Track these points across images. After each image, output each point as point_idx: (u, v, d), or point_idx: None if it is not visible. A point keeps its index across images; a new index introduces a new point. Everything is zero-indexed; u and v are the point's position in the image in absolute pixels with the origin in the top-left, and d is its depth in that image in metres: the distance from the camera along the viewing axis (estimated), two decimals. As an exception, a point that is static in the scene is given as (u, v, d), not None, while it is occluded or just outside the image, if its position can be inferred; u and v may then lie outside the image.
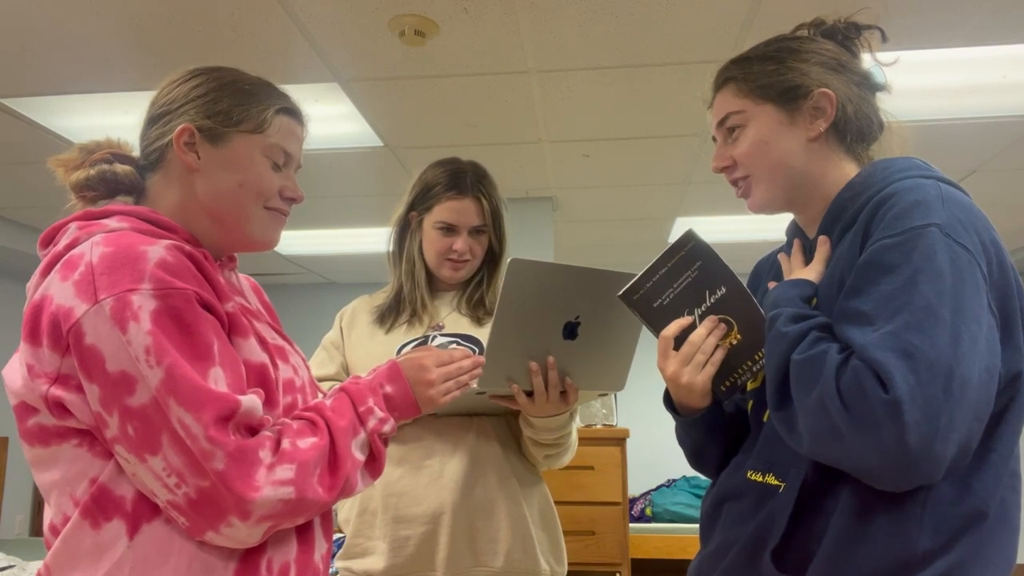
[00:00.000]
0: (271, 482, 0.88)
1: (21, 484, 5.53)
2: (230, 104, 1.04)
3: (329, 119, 3.32)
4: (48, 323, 0.88)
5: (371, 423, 1.02)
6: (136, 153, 1.08)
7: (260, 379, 0.98)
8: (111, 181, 1.04)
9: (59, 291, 0.88)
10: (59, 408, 0.89)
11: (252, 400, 0.92)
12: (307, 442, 0.94)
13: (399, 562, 1.49)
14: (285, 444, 0.92)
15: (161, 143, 1.04)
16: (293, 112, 1.09)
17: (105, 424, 0.87)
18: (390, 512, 1.50)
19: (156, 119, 1.05)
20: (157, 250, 0.90)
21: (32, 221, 4.75)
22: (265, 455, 0.89)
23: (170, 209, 1.03)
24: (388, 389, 1.07)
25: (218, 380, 0.90)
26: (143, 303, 0.87)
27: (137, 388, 0.86)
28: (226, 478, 0.86)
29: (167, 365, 0.86)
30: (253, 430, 0.92)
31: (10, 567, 3.03)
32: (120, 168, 1.04)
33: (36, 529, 5.62)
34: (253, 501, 0.87)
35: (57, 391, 0.88)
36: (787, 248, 1.20)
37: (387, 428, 1.04)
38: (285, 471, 0.90)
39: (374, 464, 1.03)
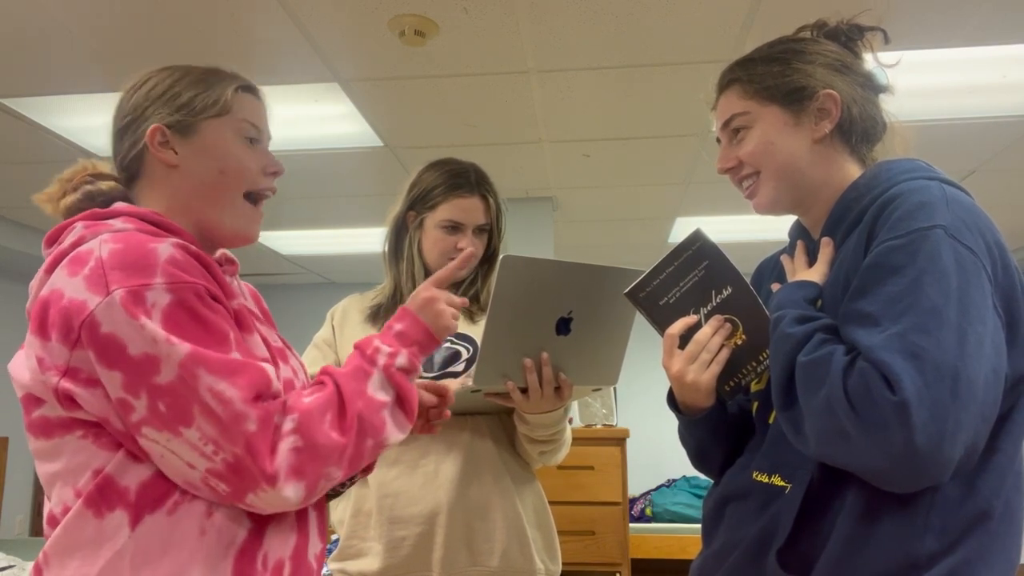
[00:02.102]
0: (280, 437, 0.90)
1: (21, 484, 5.53)
2: (191, 94, 1.05)
3: (329, 119, 3.32)
4: (58, 317, 0.89)
5: (381, 360, 1.01)
6: (110, 169, 1.09)
7: None
8: (98, 197, 1.05)
9: (69, 285, 0.90)
10: (68, 401, 0.90)
11: (272, 370, 0.95)
12: (311, 397, 0.95)
13: (395, 563, 1.48)
14: (290, 402, 0.94)
15: (137, 149, 1.05)
16: (251, 88, 1.11)
17: (130, 409, 0.88)
18: (385, 513, 1.50)
19: (125, 129, 1.07)
20: (166, 247, 0.92)
21: (32, 221, 4.75)
22: (278, 418, 0.92)
23: (161, 210, 1.05)
24: (398, 327, 1.07)
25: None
26: (157, 299, 0.88)
27: (162, 366, 0.87)
28: (252, 442, 0.88)
29: (189, 346, 0.88)
30: (273, 398, 0.94)
31: (10, 567, 3.03)
32: (104, 184, 1.06)
33: (36, 529, 5.61)
34: (273, 462, 0.89)
35: (67, 384, 0.89)
36: (790, 250, 1.20)
37: (401, 360, 1.02)
38: (288, 423, 0.91)
39: (403, 403, 1.01)
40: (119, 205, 1.03)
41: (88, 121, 3.26)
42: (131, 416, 0.89)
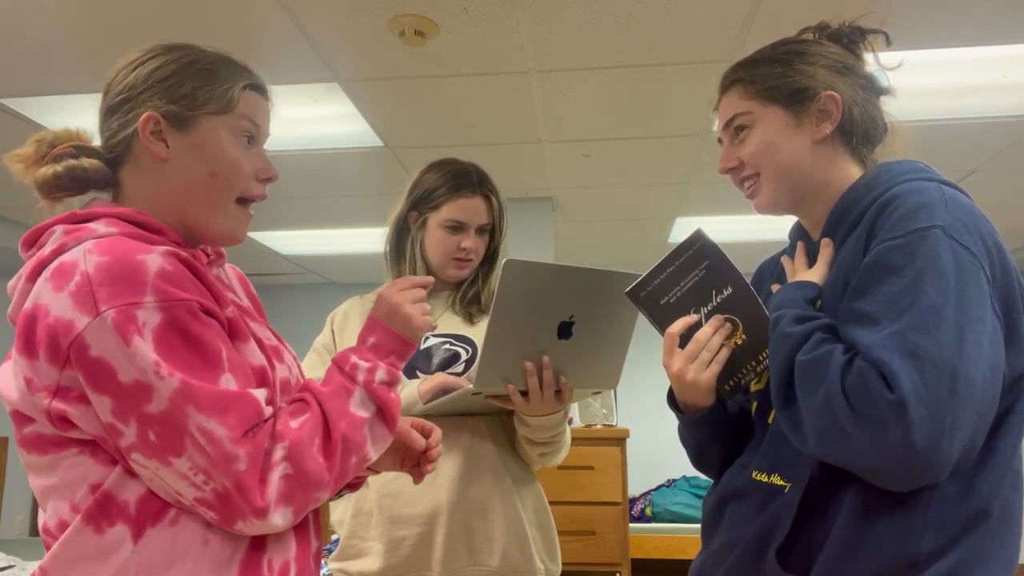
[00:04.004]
0: (271, 466, 0.88)
1: (21, 484, 5.52)
2: (194, 86, 0.98)
3: (329, 119, 3.32)
4: (45, 335, 0.85)
5: (360, 376, 0.98)
6: (96, 143, 1.02)
7: (260, 382, 0.97)
8: (81, 178, 0.98)
9: (54, 302, 0.85)
10: (62, 421, 0.87)
11: (263, 394, 0.92)
12: (299, 420, 0.93)
13: (395, 562, 1.49)
14: (279, 426, 0.91)
15: (126, 133, 0.98)
16: (259, 87, 1.06)
17: (119, 434, 0.86)
18: (385, 513, 1.50)
19: (116, 108, 0.99)
20: (155, 259, 0.88)
21: (32, 221, 4.74)
22: (267, 442, 0.89)
23: (146, 204, 0.99)
24: (372, 340, 1.04)
25: (229, 386, 0.89)
26: (148, 318, 0.85)
27: (154, 395, 0.84)
28: (241, 479, 0.86)
29: (179, 379, 0.85)
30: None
31: (10, 567, 3.04)
32: (88, 162, 0.98)
33: (36, 529, 5.62)
34: (264, 495, 0.87)
35: (59, 404, 0.86)
36: (790, 251, 1.20)
37: (380, 375, 0.99)
38: (279, 451, 0.89)
39: (384, 415, 0.99)
40: (98, 206, 0.97)
41: (88, 121, 3.25)
42: (120, 441, 0.86)
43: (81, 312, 0.84)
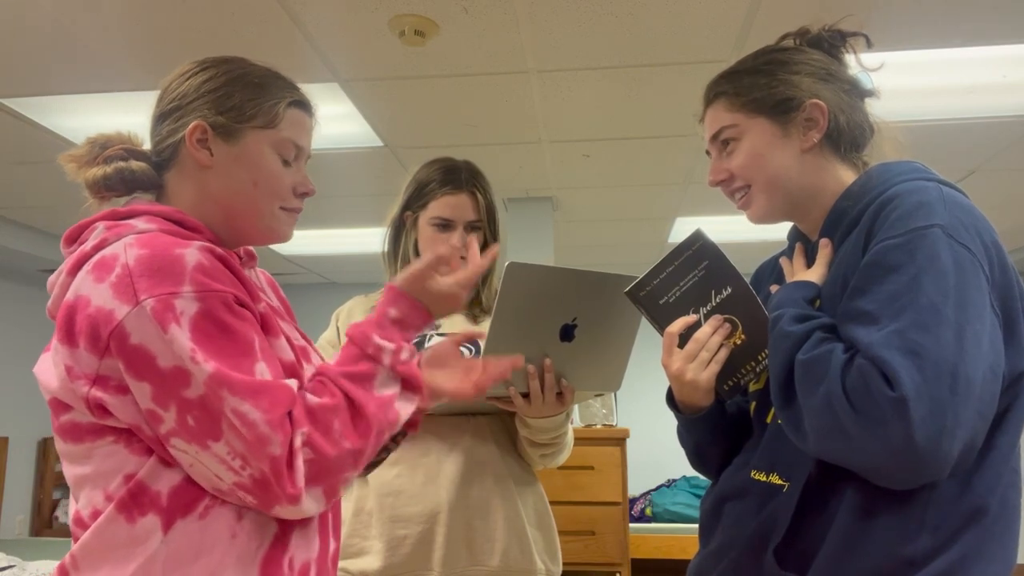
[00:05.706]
0: (295, 452, 0.90)
1: (21, 484, 5.53)
2: (242, 99, 1.03)
3: (329, 119, 3.32)
4: (85, 325, 0.88)
5: (386, 359, 0.99)
6: (146, 147, 1.07)
7: (290, 377, 0.98)
8: (129, 179, 1.03)
9: (95, 293, 0.89)
10: (100, 409, 0.90)
11: (295, 384, 0.94)
12: (316, 401, 0.93)
13: (395, 561, 1.49)
14: (296, 413, 0.93)
15: (174, 140, 1.03)
16: (303, 104, 1.09)
17: (159, 420, 0.88)
18: (386, 512, 1.51)
19: (167, 114, 1.04)
20: (193, 252, 0.91)
21: (32, 221, 4.76)
22: (294, 432, 0.91)
23: (187, 206, 1.03)
24: (394, 313, 1.03)
25: (263, 375, 0.91)
26: (185, 308, 0.88)
27: (192, 380, 0.87)
28: (276, 464, 0.88)
29: (213, 365, 0.87)
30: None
31: (10, 567, 3.04)
32: (136, 165, 1.03)
33: (36, 529, 5.62)
34: (295, 482, 0.89)
35: (97, 392, 0.89)
36: (788, 252, 1.20)
37: (405, 355, 1.01)
38: (299, 437, 0.91)
39: (411, 386, 1.00)
40: (138, 204, 1.01)
41: (88, 121, 3.26)
42: (160, 427, 0.89)
43: (121, 301, 0.87)
